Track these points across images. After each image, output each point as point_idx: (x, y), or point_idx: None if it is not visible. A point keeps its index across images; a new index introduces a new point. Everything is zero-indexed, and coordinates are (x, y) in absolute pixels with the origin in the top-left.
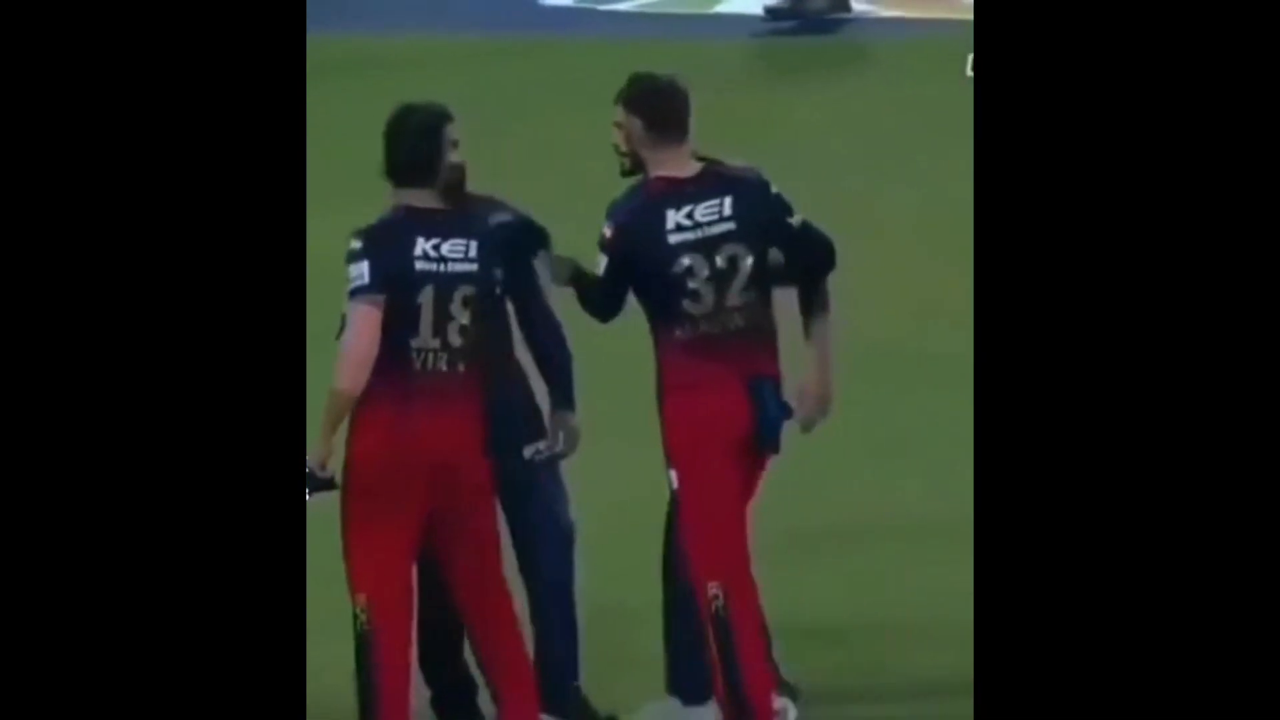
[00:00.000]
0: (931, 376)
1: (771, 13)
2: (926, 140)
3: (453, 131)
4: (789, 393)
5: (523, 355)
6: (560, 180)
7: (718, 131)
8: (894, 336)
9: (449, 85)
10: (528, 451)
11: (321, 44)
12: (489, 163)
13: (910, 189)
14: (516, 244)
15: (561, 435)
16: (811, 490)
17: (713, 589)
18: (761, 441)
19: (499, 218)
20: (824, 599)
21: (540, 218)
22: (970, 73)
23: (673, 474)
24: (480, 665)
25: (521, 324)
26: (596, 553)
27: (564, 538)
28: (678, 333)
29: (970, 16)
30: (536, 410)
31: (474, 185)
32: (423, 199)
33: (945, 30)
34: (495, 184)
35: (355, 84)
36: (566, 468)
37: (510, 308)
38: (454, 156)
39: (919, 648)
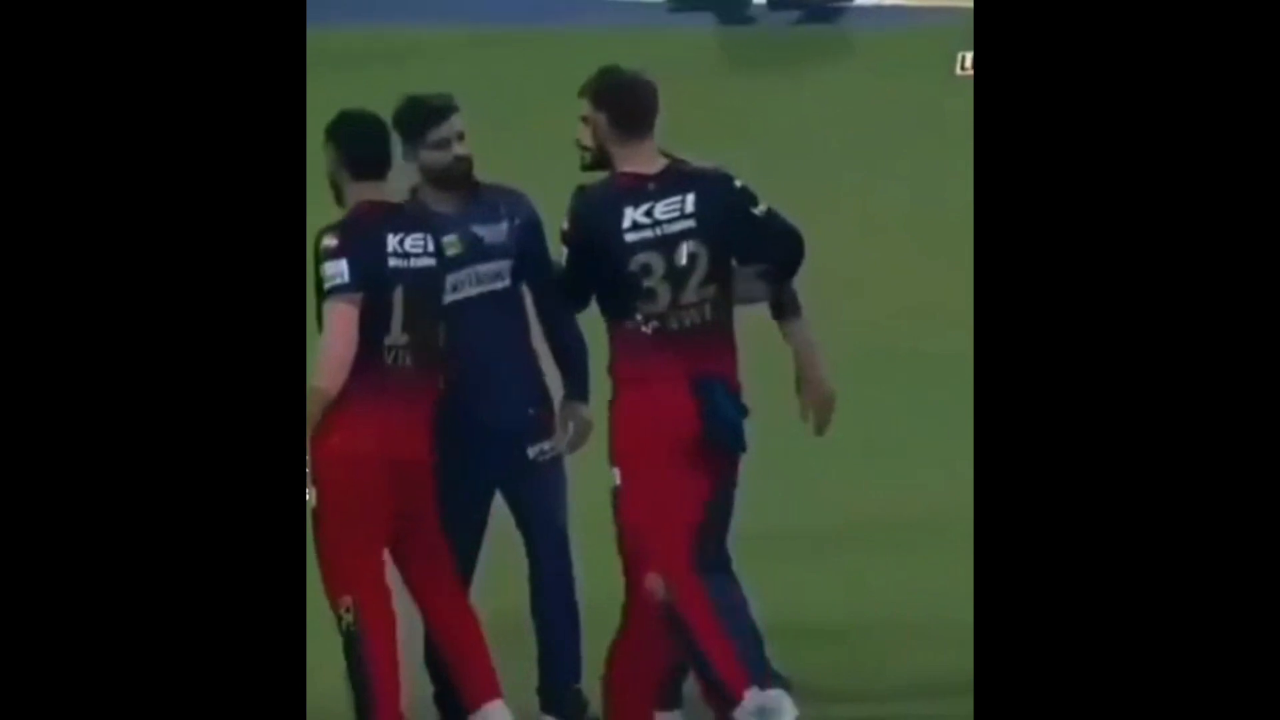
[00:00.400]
0: (931, 376)
1: (774, 0)
2: (926, 134)
3: (457, 122)
4: (791, 403)
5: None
6: (562, 171)
7: (718, 121)
8: (894, 336)
9: (450, 77)
10: (532, 451)
11: (321, 37)
12: (492, 153)
13: (909, 186)
14: (536, 232)
15: (571, 426)
16: (811, 490)
17: (651, 581)
18: (713, 442)
19: (515, 204)
20: (824, 599)
21: (543, 207)
22: (960, 71)
23: (615, 471)
24: (446, 663)
25: (539, 314)
26: (593, 552)
27: (565, 537)
28: (629, 328)
29: (970, 4)
30: (549, 400)
31: (478, 176)
32: (380, 193)
33: (947, 19)
34: (498, 174)
35: (356, 77)
36: (570, 465)
37: (528, 297)
38: (459, 148)
39: (919, 647)
